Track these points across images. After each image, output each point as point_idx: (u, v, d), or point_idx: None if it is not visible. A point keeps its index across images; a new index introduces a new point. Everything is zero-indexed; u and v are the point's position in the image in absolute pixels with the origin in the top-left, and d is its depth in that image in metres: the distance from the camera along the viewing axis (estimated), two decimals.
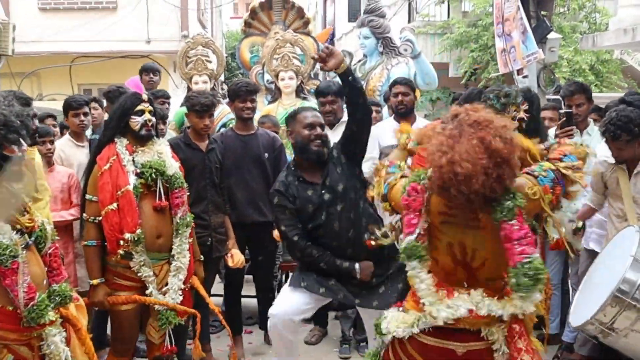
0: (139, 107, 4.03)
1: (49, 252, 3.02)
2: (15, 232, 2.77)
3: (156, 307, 4.01)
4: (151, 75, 7.30)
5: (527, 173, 2.86)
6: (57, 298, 2.96)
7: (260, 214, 5.26)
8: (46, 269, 3.00)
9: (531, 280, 2.63)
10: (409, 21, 16.29)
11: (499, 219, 2.67)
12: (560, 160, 2.95)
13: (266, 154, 5.29)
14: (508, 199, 2.68)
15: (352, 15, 20.48)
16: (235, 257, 4.91)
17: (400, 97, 5.69)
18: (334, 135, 5.44)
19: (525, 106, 4.87)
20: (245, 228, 5.22)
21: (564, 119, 4.92)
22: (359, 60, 9.12)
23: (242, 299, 5.74)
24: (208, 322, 5.22)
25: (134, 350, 4.39)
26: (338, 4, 23.19)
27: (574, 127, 4.94)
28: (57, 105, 8.13)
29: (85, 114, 5.38)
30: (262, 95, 6.85)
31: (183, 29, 15.27)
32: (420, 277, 2.84)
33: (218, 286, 6.08)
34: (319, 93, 5.74)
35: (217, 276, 6.16)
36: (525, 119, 4.87)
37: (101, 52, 14.45)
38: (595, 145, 4.85)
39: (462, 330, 2.80)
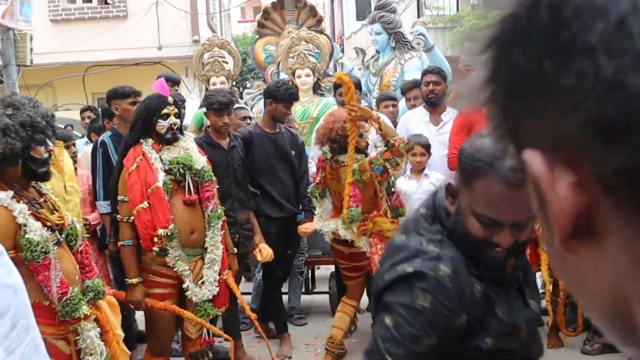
0: (165, 111, 4.03)
1: (80, 249, 3.08)
2: (45, 229, 2.82)
3: (193, 299, 4.06)
4: (176, 88, 7.31)
5: (370, 162, 4.47)
6: (90, 293, 3.02)
7: (294, 207, 5.44)
8: (78, 266, 3.05)
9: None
10: (419, 16, 16.29)
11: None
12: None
13: (292, 152, 5.42)
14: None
15: (360, 14, 20.50)
16: (264, 251, 4.98)
17: (431, 86, 5.72)
18: None
19: None
20: (283, 221, 5.36)
21: None
22: (372, 57, 9.13)
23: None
24: (238, 318, 5.26)
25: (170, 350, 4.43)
26: (345, 3, 23.20)
27: None
28: (72, 115, 8.23)
29: None
30: None
31: (194, 33, 15.35)
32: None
33: (245, 285, 6.14)
34: (338, 85, 5.74)
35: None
36: None
37: (114, 60, 14.54)
38: None
39: None
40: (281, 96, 5.31)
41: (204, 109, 5.28)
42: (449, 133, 5.44)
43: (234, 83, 7.49)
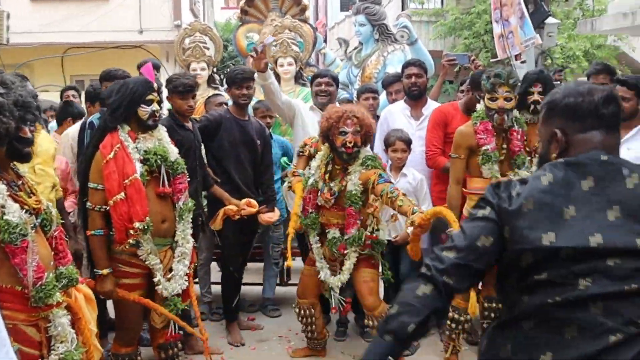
0: (149, 97, 3.97)
1: (54, 234, 2.99)
2: (23, 211, 2.74)
3: (164, 294, 3.99)
4: (156, 73, 7.19)
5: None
6: (64, 280, 2.94)
7: (253, 195, 5.39)
8: (52, 252, 2.98)
9: None
10: (403, 8, 16.26)
11: None
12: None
13: (258, 141, 5.41)
14: None
15: (344, 5, 20.45)
16: (252, 202, 5.09)
17: (413, 79, 5.63)
18: None
19: (538, 88, 4.88)
20: None
21: None
22: (355, 48, 9.06)
23: (244, 287, 5.75)
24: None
25: (139, 339, 4.36)
26: None
27: None
28: (50, 97, 8.09)
29: None
30: (258, 83, 6.82)
31: (175, 18, 15.21)
32: None
33: (218, 275, 6.07)
34: (316, 75, 5.76)
35: (216, 264, 6.17)
36: (541, 100, 4.90)
37: (93, 42, 14.34)
38: None
39: None
40: (230, 80, 5.41)
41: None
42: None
43: (215, 69, 7.38)
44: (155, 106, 3.99)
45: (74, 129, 5.36)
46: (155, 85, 4.04)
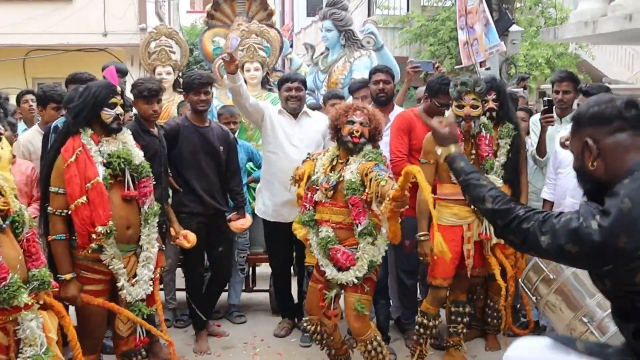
0: (112, 100, 3.93)
1: (26, 237, 2.98)
2: None
3: (127, 299, 3.94)
4: (124, 79, 7.10)
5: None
6: (35, 282, 2.90)
7: (218, 204, 5.32)
8: (23, 255, 2.96)
9: None
10: (369, 14, 16.34)
11: None
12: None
13: (221, 147, 5.32)
14: None
15: (311, 10, 20.49)
16: (190, 236, 4.91)
17: (381, 85, 5.61)
18: (299, 127, 5.44)
19: (493, 96, 4.96)
20: (207, 218, 5.23)
21: (546, 107, 5.05)
22: (321, 53, 9.08)
23: None
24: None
25: (102, 347, 4.30)
26: None
27: (554, 114, 5.16)
28: (11, 100, 7.95)
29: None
30: (224, 87, 6.77)
31: (141, 21, 15.04)
32: None
33: (182, 280, 6.03)
34: (285, 80, 5.65)
35: (180, 270, 6.12)
36: (495, 107, 4.98)
37: (56, 45, 14.15)
38: None
39: None
40: (187, 86, 5.27)
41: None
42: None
43: (181, 74, 7.32)
44: (119, 109, 3.95)
45: (25, 136, 5.33)
46: (118, 88, 4.00)
